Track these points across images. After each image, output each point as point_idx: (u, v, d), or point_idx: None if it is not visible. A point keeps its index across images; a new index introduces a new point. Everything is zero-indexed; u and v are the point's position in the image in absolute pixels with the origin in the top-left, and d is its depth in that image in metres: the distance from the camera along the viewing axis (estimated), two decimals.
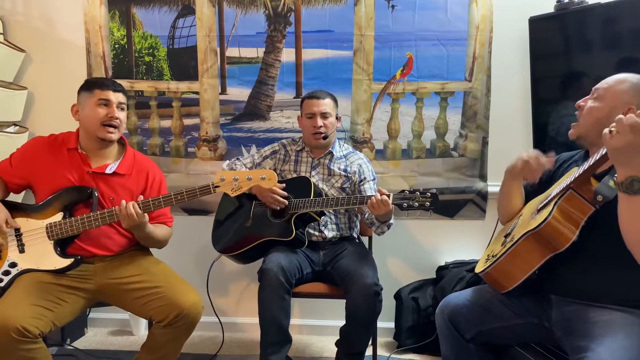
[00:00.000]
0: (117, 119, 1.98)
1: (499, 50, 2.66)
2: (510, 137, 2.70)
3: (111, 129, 1.98)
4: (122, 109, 2.02)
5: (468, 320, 1.70)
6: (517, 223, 1.74)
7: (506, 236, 1.74)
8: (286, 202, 2.22)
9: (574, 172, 1.52)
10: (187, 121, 2.82)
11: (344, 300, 2.18)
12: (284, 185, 2.24)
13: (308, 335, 2.84)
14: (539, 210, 1.60)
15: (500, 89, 2.69)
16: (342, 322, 2.19)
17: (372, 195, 2.05)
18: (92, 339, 2.81)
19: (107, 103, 1.97)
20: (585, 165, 1.47)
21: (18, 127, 2.78)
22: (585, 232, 1.48)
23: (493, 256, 1.70)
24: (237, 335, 2.83)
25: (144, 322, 2.87)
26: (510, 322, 1.67)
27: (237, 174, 1.89)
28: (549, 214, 1.49)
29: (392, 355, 2.56)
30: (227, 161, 2.52)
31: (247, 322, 2.87)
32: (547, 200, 1.58)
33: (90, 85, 2.00)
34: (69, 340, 2.71)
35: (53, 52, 2.83)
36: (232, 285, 2.91)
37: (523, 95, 2.63)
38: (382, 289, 2.10)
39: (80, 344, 2.72)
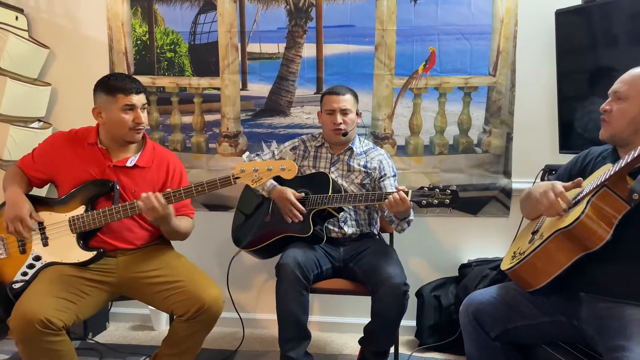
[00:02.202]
0: (143, 122, 1.99)
1: (524, 45, 2.60)
2: (536, 133, 2.65)
3: (138, 132, 2.00)
4: (144, 109, 2.02)
5: (493, 318, 1.66)
6: (545, 220, 1.70)
7: (534, 233, 1.70)
8: (302, 218, 2.19)
9: (608, 169, 1.47)
10: (208, 117, 2.83)
11: (364, 298, 2.16)
12: (303, 194, 2.22)
13: (328, 333, 2.82)
14: (570, 208, 1.56)
15: (525, 84, 2.63)
16: (362, 319, 2.16)
17: (391, 193, 2.03)
18: (114, 333, 2.83)
19: (132, 108, 1.96)
20: (622, 163, 1.42)
21: (42, 123, 2.81)
22: (618, 229, 1.44)
23: (520, 253, 1.66)
24: (257, 331, 2.82)
25: (165, 317, 2.88)
26: (537, 321, 1.63)
27: (257, 165, 1.87)
28: (582, 213, 1.45)
29: (414, 354, 2.52)
30: (248, 152, 2.50)
31: (267, 318, 2.86)
32: (579, 198, 1.53)
33: (111, 88, 1.95)
34: (91, 334, 2.73)
35: (76, 49, 2.86)
36: (251, 281, 2.91)
37: (549, 91, 2.57)
38: (409, 288, 2.07)
39: (102, 338, 2.74)
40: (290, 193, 2.20)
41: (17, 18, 2.71)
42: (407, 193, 1.98)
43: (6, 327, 2.72)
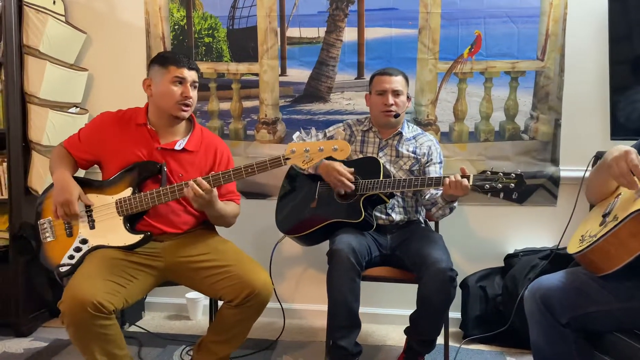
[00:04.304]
0: (191, 98, 1.95)
1: (574, 27, 2.52)
2: (585, 120, 2.56)
3: (185, 108, 1.95)
4: (195, 87, 1.98)
5: (562, 304, 1.58)
6: (616, 202, 1.62)
7: (604, 215, 1.62)
8: (353, 186, 2.13)
9: None
10: (247, 103, 2.78)
11: (406, 288, 2.09)
12: (353, 169, 2.15)
13: (368, 324, 2.75)
14: None
15: (574, 69, 2.55)
16: (404, 311, 2.09)
17: (447, 177, 1.96)
18: (150, 322, 2.79)
19: (182, 81, 1.92)
20: None
21: (79, 108, 2.78)
22: None
23: (590, 236, 1.58)
24: (295, 322, 2.77)
25: (201, 307, 2.84)
26: (610, 307, 1.54)
27: (308, 145, 1.81)
28: None
29: (463, 346, 2.44)
30: (298, 132, 2.43)
31: (305, 308, 2.82)
32: None
33: (164, 60, 1.94)
34: (127, 323, 2.69)
35: (113, 34, 2.82)
36: (289, 271, 2.85)
37: (600, 75, 2.48)
38: (457, 275, 2.00)
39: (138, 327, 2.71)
40: (339, 164, 2.13)
41: (54, 2, 2.67)
42: (468, 177, 1.91)
43: (44, 314, 2.72)
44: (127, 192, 1.91)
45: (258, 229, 2.74)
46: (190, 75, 1.94)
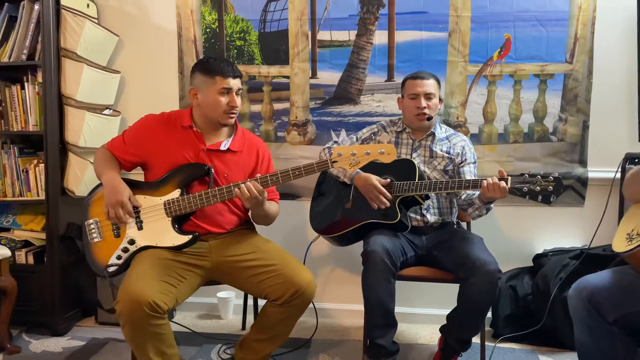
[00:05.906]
0: (237, 107, 1.99)
1: (602, 31, 2.56)
2: (613, 122, 2.60)
3: (232, 115, 2.00)
4: (239, 94, 2.02)
5: (610, 302, 1.61)
6: None
7: None
8: (389, 204, 2.16)
9: None
10: (277, 105, 2.81)
11: (434, 288, 2.12)
12: (388, 180, 2.19)
13: (398, 323, 2.78)
14: None
15: (603, 72, 2.58)
16: (434, 310, 2.11)
17: (485, 179, 1.99)
18: (181, 322, 2.82)
19: (228, 91, 1.97)
20: None
21: (112, 110, 2.81)
22: None
23: (639, 234, 1.61)
24: (325, 321, 2.81)
25: (232, 306, 2.87)
26: None
27: (355, 149, 1.85)
28: None
29: (497, 345, 2.48)
30: (343, 135, 2.47)
31: (335, 307, 2.86)
32: None
33: (209, 70, 1.97)
34: None
35: (145, 37, 2.85)
36: (318, 271, 2.88)
37: (628, 78, 2.52)
38: (501, 276, 2.04)
39: (172, 326, 2.73)
40: (376, 179, 2.17)
41: (88, 6, 2.70)
42: (506, 180, 1.94)
43: (77, 314, 2.75)
44: (175, 193, 1.94)
45: (288, 229, 2.77)
46: (236, 83, 1.98)
